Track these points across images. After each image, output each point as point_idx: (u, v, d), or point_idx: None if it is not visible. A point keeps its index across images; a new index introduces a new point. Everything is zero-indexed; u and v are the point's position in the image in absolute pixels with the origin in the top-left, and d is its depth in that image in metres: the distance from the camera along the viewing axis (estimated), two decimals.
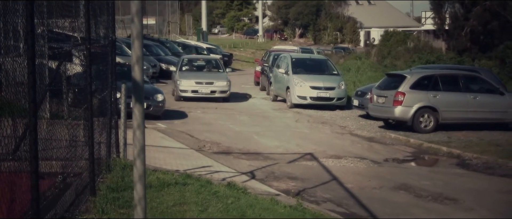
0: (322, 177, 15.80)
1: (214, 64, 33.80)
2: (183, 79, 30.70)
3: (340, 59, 55.41)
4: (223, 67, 33.56)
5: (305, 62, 32.50)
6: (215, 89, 30.65)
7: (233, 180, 13.62)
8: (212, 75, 31.83)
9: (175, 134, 20.94)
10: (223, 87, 30.79)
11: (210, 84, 30.66)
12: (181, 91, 30.35)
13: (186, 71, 32.09)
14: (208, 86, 30.57)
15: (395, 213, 12.95)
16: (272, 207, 11.62)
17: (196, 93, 30.34)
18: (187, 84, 30.42)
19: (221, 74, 32.17)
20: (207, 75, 31.91)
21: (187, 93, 30.30)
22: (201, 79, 31.02)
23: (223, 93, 30.90)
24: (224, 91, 30.84)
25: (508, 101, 24.61)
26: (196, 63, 33.92)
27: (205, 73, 32.33)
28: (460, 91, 24.23)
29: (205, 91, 30.44)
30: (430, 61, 42.90)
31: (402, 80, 24.21)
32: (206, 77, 31.35)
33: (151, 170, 13.31)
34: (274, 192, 13.58)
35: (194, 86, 30.44)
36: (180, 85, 30.40)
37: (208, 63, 33.90)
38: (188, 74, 31.58)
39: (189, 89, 30.29)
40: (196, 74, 31.69)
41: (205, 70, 32.80)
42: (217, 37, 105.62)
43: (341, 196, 14.16)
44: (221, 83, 30.81)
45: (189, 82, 30.52)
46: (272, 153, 18.86)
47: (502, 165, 18.57)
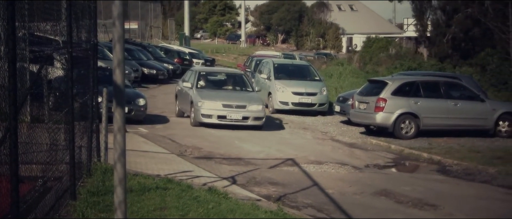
0: (303, 183, 15.82)
1: (239, 81, 27.16)
2: (205, 100, 24.05)
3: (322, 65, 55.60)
4: (251, 85, 27.32)
5: (287, 68, 32.54)
6: (248, 115, 24.09)
7: (214, 185, 13.61)
8: (242, 96, 25.12)
9: (156, 139, 20.90)
10: (258, 112, 24.28)
11: (241, 108, 24.15)
12: (203, 116, 23.89)
13: (206, 90, 25.44)
14: (239, 111, 24.08)
15: (375, 218, 12.98)
16: (253, 212, 11.61)
17: (223, 119, 23.88)
18: (211, 107, 23.92)
19: (252, 95, 25.63)
20: (235, 95, 25.26)
21: (210, 119, 23.86)
22: (230, 100, 24.42)
23: (257, 121, 24.30)
24: (259, 118, 24.32)
25: (488, 108, 24.75)
26: (215, 78, 27.34)
27: (231, 92, 25.82)
28: (441, 98, 24.34)
29: (235, 117, 23.95)
30: (412, 67, 43.12)
31: (384, 86, 24.28)
32: (236, 99, 24.70)
33: (132, 174, 13.28)
34: (255, 197, 13.57)
35: (222, 110, 23.97)
36: (202, 108, 23.86)
37: (230, 79, 27.19)
38: (210, 93, 24.89)
39: (214, 114, 23.82)
40: (220, 94, 25.10)
41: (229, 88, 26.35)
42: (200, 42, 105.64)
43: (322, 201, 14.18)
44: (255, 107, 24.31)
45: (214, 105, 23.98)
46: (253, 158, 18.87)
47: (482, 171, 18.66)
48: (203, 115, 23.90)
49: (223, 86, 26.47)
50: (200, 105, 23.97)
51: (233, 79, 27.16)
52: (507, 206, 14.82)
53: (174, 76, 46.77)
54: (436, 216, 13.46)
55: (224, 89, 26.19)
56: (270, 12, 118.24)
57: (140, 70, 39.79)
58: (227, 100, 24.37)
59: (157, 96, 33.85)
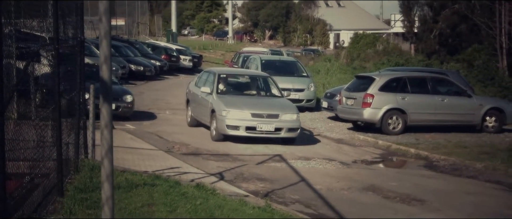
0: (291, 179, 15.84)
1: (265, 85, 23.69)
2: (231, 109, 20.55)
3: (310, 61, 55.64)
4: (279, 89, 23.36)
5: (275, 64, 32.53)
6: (281, 126, 20.55)
7: (201, 181, 13.61)
8: (272, 103, 21.77)
9: (144, 135, 20.89)
10: (292, 122, 20.81)
11: (273, 118, 20.63)
12: (229, 128, 20.38)
13: (228, 96, 22.00)
14: (271, 121, 20.53)
15: (363, 214, 13.01)
16: (240, 208, 11.61)
17: (252, 131, 20.45)
18: (238, 117, 20.40)
19: (283, 102, 22.16)
20: (264, 102, 21.88)
21: (237, 131, 20.40)
22: (260, 109, 20.93)
23: (291, 132, 20.83)
24: (293, 129, 20.82)
25: (475, 103, 24.84)
26: (238, 82, 24.10)
27: (258, 99, 22.40)
28: (428, 94, 24.40)
29: (266, 129, 20.40)
30: (399, 63, 43.20)
31: (371, 82, 24.32)
32: (266, 107, 21.25)
33: (120, 171, 13.26)
34: (242, 193, 13.58)
35: (250, 120, 20.44)
36: (227, 118, 20.33)
37: (254, 82, 23.79)
38: (234, 100, 21.42)
39: (241, 125, 20.30)
40: (246, 101, 21.62)
41: (255, 94, 23.02)
42: (187, 39, 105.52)
43: (310, 197, 14.20)
44: (289, 116, 20.80)
45: (242, 114, 20.47)
46: (241, 154, 18.88)
47: (469, 166, 18.74)
48: (229, 126, 20.21)
49: (247, 91, 23.05)
50: (225, 115, 20.32)
51: (258, 82, 23.70)
52: (494, 201, 14.88)
53: (161, 73, 46.76)
54: (424, 211, 13.50)
55: (249, 95, 22.74)
56: (257, 8, 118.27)
57: (127, 67, 39.71)
58: (257, 108, 20.79)
59: (145, 93, 33.80)
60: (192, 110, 23.58)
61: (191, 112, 23.62)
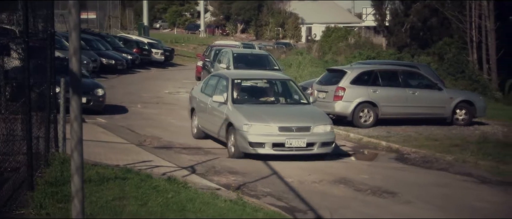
0: (263, 172, 15.85)
1: (289, 90, 20.24)
2: (253, 122, 17.21)
3: (282, 54, 55.66)
4: (305, 95, 20.21)
5: (247, 57, 32.49)
6: (314, 140, 17.31)
7: (173, 175, 13.60)
8: (300, 113, 18.57)
9: (115, 129, 20.82)
10: (326, 135, 17.61)
11: (304, 131, 17.38)
12: (253, 145, 17.04)
13: (247, 105, 18.52)
14: (302, 135, 17.27)
15: (334, 206, 13.05)
16: (212, 201, 11.62)
17: (280, 149, 17.14)
18: (262, 132, 17.07)
19: (313, 110, 18.94)
20: (291, 112, 18.64)
21: (263, 149, 17.04)
22: (287, 121, 17.68)
23: (326, 147, 17.66)
24: (328, 143, 17.64)
25: (446, 96, 25.00)
26: (256, 87, 20.55)
27: (283, 108, 19.07)
28: (399, 87, 24.51)
29: (297, 145, 17.18)
30: (371, 57, 43.40)
31: (343, 75, 24.38)
32: (294, 118, 18.03)
33: (91, 164, 13.22)
34: (214, 187, 13.58)
35: (278, 135, 17.13)
36: (250, 134, 16.99)
37: (274, 87, 20.33)
38: (255, 111, 17.96)
39: (267, 142, 16.98)
40: (270, 112, 18.17)
41: (276, 101, 19.53)
42: (159, 32, 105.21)
43: (281, 190, 14.22)
44: (322, 128, 17.62)
45: (267, 129, 17.16)
46: (213, 148, 18.87)
47: (439, 159, 18.86)
48: (252, 143, 16.91)
49: (267, 98, 19.56)
50: (247, 130, 17.01)
51: (278, 87, 20.23)
52: (465, 193, 14.99)
53: (133, 67, 46.63)
54: (395, 203, 13.57)
55: (270, 103, 19.27)
56: (229, 1, 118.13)
57: (98, 60, 39.57)
58: (284, 120, 17.51)
59: (116, 86, 33.67)
60: (199, 120, 20.03)
61: (198, 123, 20.07)
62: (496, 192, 15.23)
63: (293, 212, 12.50)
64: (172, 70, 53.26)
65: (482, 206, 13.88)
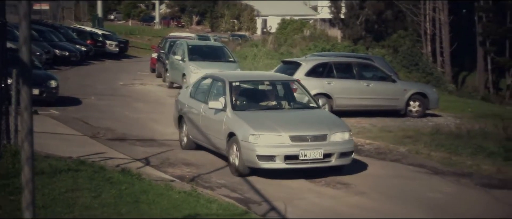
0: (217, 163, 15.85)
1: (288, 91, 17.58)
2: (261, 132, 14.57)
3: (237, 46, 55.65)
4: (312, 97, 17.45)
5: (202, 49, 32.47)
6: (332, 151, 14.76)
7: (127, 166, 13.56)
8: (313, 119, 15.92)
9: (69, 121, 20.63)
10: (345, 145, 15.03)
11: (320, 140, 14.76)
12: (262, 159, 14.37)
13: (249, 111, 15.87)
14: (318, 146, 14.65)
15: (288, 197, 13.09)
16: (166, 193, 11.61)
17: (293, 162, 14.48)
18: (272, 143, 14.44)
19: (325, 115, 16.76)
20: (302, 119, 16.02)
21: (273, 163, 14.41)
22: (300, 129, 15.03)
23: (344, 158, 15.07)
24: (347, 153, 15.08)
25: (400, 88, 25.17)
26: (256, 89, 17.83)
27: (292, 114, 16.53)
28: (354, 79, 24.62)
29: (312, 156, 14.52)
30: (326, 49, 43.54)
31: (297, 67, 24.42)
32: (307, 125, 15.36)
33: (43, 156, 13.13)
34: (168, 178, 13.55)
35: (290, 146, 14.48)
36: (258, 145, 14.37)
37: (277, 89, 17.67)
38: (260, 117, 15.38)
39: (278, 154, 14.34)
40: (278, 118, 15.52)
41: (282, 105, 16.86)
42: (113, 24, 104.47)
43: (236, 181, 14.25)
44: (339, 135, 15.03)
45: (278, 139, 14.52)
46: (167, 140, 18.78)
47: (393, 150, 18.99)
48: (261, 156, 14.31)
49: (271, 103, 16.87)
50: (254, 141, 14.41)
51: (283, 89, 17.63)
52: (418, 184, 15.12)
53: (87, 58, 46.29)
54: (349, 194, 13.65)
55: (275, 108, 16.66)
56: None
57: (52, 52, 39.16)
58: (296, 128, 14.96)
59: (70, 78, 33.37)
60: (190, 130, 17.38)
61: (189, 133, 17.44)
62: (448, 183, 15.38)
63: (248, 203, 12.51)
64: (127, 62, 52.97)
65: (435, 197, 14.01)
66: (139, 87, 32.31)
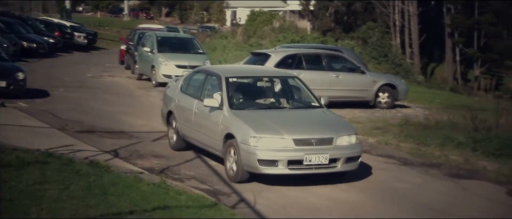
0: (186, 155, 15.80)
1: (289, 88, 16.25)
2: (263, 134, 13.39)
3: (206, 38, 55.51)
4: (314, 95, 15.89)
5: (171, 41, 32.39)
6: (338, 156, 13.65)
7: (96, 159, 13.52)
8: (315, 120, 14.82)
9: (37, 113, 20.45)
10: (352, 149, 13.98)
11: (326, 144, 13.66)
12: (263, 164, 13.22)
13: (248, 111, 14.56)
14: (324, 150, 13.52)
15: (258, 189, 13.11)
16: (135, 185, 11.58)
17: (297, 167, 13.35)
18: (275, 147, 13.31)
19: (329, 116, 15.07)
20: (303, 118, 14.87)
21: (275, 168, 13.25)
22: (304, 131, 13.85)
23: (351, 164, 13.97)
24: (354, 158, 13.98)
25: (369, 80, 25.24)
26: (254, 86, 16.32)
27: (290, 113, 15.17)
28: (323, 70, 24.62)
29: (317, 161, 13.41)
30: (295, 40, 43.48)
31: (267, 59, 24.37)
32: (310, 126, 14.27)
33: (11, 148, 13.02)
34: (137, 170, 13.50)
35: (294, 151, 13.33)
36: (259, 148, 13.20)
37: (277, 86, 16.44)
38: (260, 117, 14.12)
39: (281, 159, 13.19)
40: (277, 117, 14.35)
41: (282, 105, 15.56)
42: (81, 16, 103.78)
43: (205, 173, 14.24)
44: (346, 139, 13.98)
45: (281, 142, 13.37)
46: (137, 132, 18.70)
47: (362, 141, 18.92)
48: (262, 161, 13.18)
49: (270, 101, 15.72)
50: (255, 143, 13.25)
51: (283, 86, 16.31)
52: (387, 175, 15.19)
53: (55, 50, 45.94)
54: (318, 186, 13.67)
55: (277, 107, 15.44)
56: None
57: (19, 44, 38.85)
58: (300, 130, 13.81)
59: (38, 70, 33.07)
60: (181, 127, 16.11)
61: (180, 130, 16.18)
62: (417, 173, 15.48)
63: (217, 195, 12.52)
64: (95, 54, 52.68)
65: (404, 187, 14.11)
66: (108, 80, 32.12)
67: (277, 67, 23.71)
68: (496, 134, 19.03)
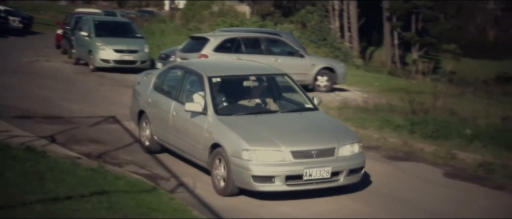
0: (125, 140, 15.69)
1: (277, 89, 14.63)
2: (257, 146, 11.66)
3: (145, 22, 55.12)
4: (305, 94, 14.22)
5: (108, 25, 32.06)
6: (341, 168, 12.01)
7: (32, 144, 13.29)
8: (314, 126, 13.02)
9: None
10: (355, 159, 12.32)
11: (328, 155, 11.97)
12: (257, 180, 11.57)
13: (237, 116, 12.76)
14: (325, 162, 11.85)
15: (197, 173, 13.06)
16: (72, 170, 11.45)
17: (297, 182, 11.69)
18: (271, 160, 11.62)
19: (328, 121, 13.47)
20: (299, 124, 13.00)
21: (272, 185, 11.58)
22: (303, 141, 12.05)
23: (354, 176, 12.37)
24: (357, 169, 12.39)
25: (308, 63, 25.34)
26: (240, 87, 14.14)
27: (284, 118, 13.19)
28: (262, 54, 24.61)
29: (318, 176, 11.74)
30: (234, 24, 43.46)
31: (206, 43, 24.32)
32: (308, 135, 12.51)
33: None
34: (75, 155, 13.32)
35: (292, 164, 11.61)
36: (253, 163, 11.52)
37: (264, 86, 14.56)
38: (251, 125, 12.34)
39: (278, 174, 11.56)
40: (270, 124, 12.53)
41: (273, 108, 14.04)
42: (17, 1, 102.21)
43: (144, 158, 14.16)
44: (348, 148, 12.32)
45: (278, 155, 11.67)
46: (74, 117, 18.48)
47: None
48: (256, 177, 11.51)
49: (258, 102, 14.20)
50: (249, 157, 11.54)
51: (271, 85, 14.63)
52: None
53: None
54: None
55: (268, 111, 13.77)
56: None
57: None
58: (298, 140, 12.08)
59: None
60: (155, 130, 14.47)
61: (154, 133, 14.53)
62: None
63: (156, 179, 12.45)
64: (31, 39, 51.90)
65: None
66: (45, 64, 31.66)
67: (216, 51, 23.74)
68: (433, 116, 19.25)
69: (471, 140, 16.76)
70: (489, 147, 16.17)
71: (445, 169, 14.76)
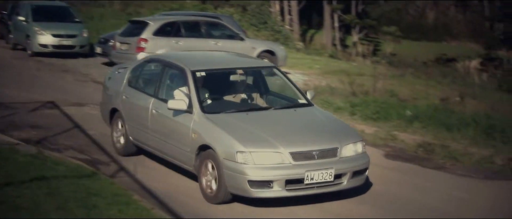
0: (64, 125, 15.56)
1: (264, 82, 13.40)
2: (253, 148, 10.55)
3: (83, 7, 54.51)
4: (298, 88, 13.07)
5: (46, 10, 31.59)
6: (345, 170, 11.03)
7: None
8: (313, 124, 11.90)
9: None
10: (359, 159, 11.37)
11: (330, 156, 10.95)
12: (254, 186, 10.46)
13: (225, 114, 11.51)
14: (328, 164, 10.81)
15: (139, 158, 13.05)
16: (11, 156, 11.38)
17: (298, 186, 10.67)
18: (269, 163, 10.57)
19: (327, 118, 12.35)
20: (296, 122, 11.87)
21: (270, 190, 10.54)
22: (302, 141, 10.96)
23: (358, 178, 11.36)
24: (361, 171, 11.41)
25: (248, 46, 25.36)
26: (227, 81, 12.75)
27: (278, 115, 12.01)
28: (202, 37, 24.61)
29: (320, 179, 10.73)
30: (174, 8, 43.25)
31: (145, 27, 24.20)
32: (308, 133, 11.41)
33: None
34: (13, 142, 13.18)
35: (293, 167, 10.61)
36: (249, 166, 10.44)
37: (251, 80, 13.26)
38: (243, 124, 11.22)
39: (277, 179, 10.51)
40: (264, 122, 11.42)
41: (264, 104, 12.70)
42: None
43: (84, 143, 14.08)
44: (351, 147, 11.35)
45: (275, 157, 10.63)
46: (12, 103, 18.20)
47: None
48: (253, 182, 10.42)
49: (246, 97, 12.95)
50: (244, 160, 10.46)
51: (260, 80, 13.38)
52: None
53: None
54: None
55: (261, 108, 12.46)
56: None
57: None
58: (297, 140, 11.02)
59: None
60: (131, 130, 13.12)
61: (130, 134, 13.17)
62: None
63: (96, 164, 12.40)
64: None
65: None
66: None
67: (156, 35, 23.70)
68: (373, 98, 19.44)
69: (411, 121, 16.94)
70: (429, 128, 16.37)
71: (386, 150, 14.94)
